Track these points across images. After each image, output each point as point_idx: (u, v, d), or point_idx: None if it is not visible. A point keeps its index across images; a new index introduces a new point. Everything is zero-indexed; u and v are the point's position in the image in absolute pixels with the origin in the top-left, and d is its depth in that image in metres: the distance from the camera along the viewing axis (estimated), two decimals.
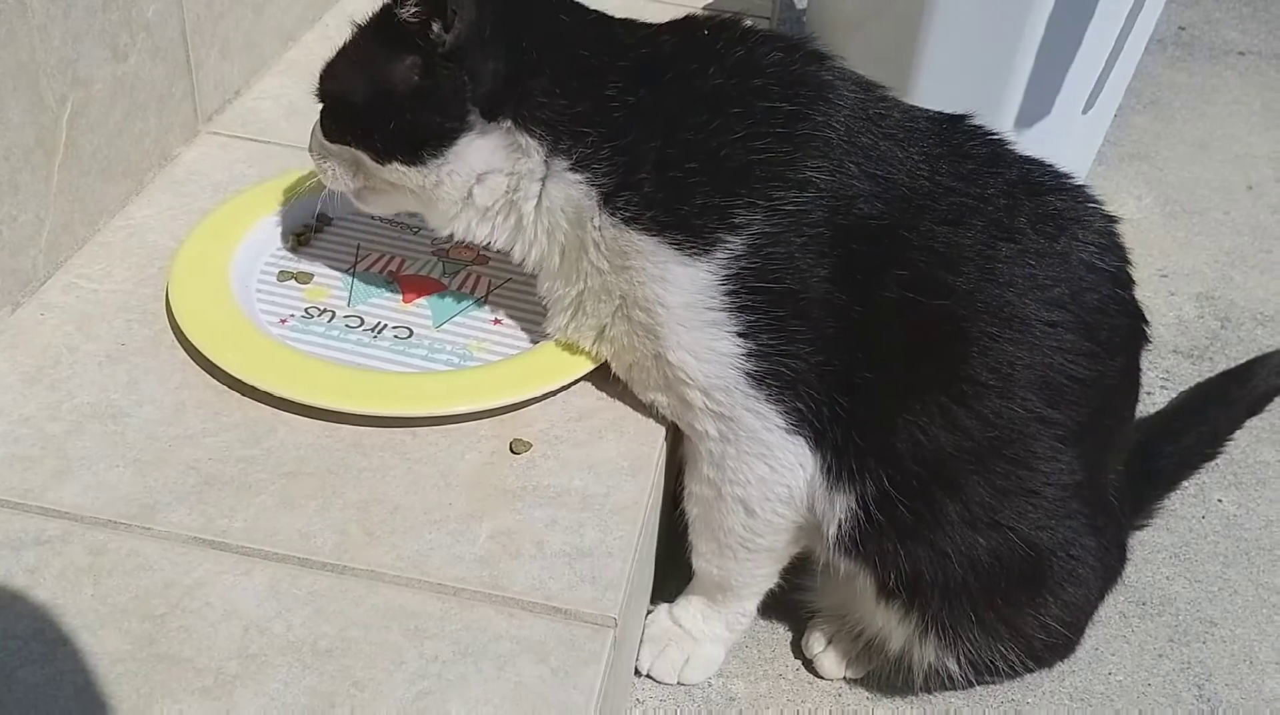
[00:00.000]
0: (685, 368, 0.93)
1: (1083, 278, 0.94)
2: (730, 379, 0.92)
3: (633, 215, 0.92)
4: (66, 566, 0.85)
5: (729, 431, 0.95)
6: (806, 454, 0.95)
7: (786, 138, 0.91)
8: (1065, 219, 0.95)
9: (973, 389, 0.92)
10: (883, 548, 0.97)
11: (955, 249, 0.92)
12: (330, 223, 1.22)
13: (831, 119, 0.92)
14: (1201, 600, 1.27)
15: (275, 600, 0.84)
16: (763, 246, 0.90)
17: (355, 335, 1.08)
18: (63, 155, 1.08)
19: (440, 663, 0.81)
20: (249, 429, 0.97)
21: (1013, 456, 0.94)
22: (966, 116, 1.00)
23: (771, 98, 0.92)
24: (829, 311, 0.91)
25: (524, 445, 0.98)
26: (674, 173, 0.91)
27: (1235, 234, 1.88)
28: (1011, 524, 0.96)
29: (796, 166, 0.90)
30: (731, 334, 0.91)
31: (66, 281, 1.10)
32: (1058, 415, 0.94)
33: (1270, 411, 1.41)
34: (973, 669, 1.04)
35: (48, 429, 0.95)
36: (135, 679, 0.78)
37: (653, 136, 0.92)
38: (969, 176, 0.95)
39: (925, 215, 0.92)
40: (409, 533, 0.90)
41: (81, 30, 1.08)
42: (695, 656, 1.11)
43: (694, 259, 0.90)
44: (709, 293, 0.91)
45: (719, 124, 0.91)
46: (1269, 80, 2.36)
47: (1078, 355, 0.93)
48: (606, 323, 0.98)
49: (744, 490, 0.97)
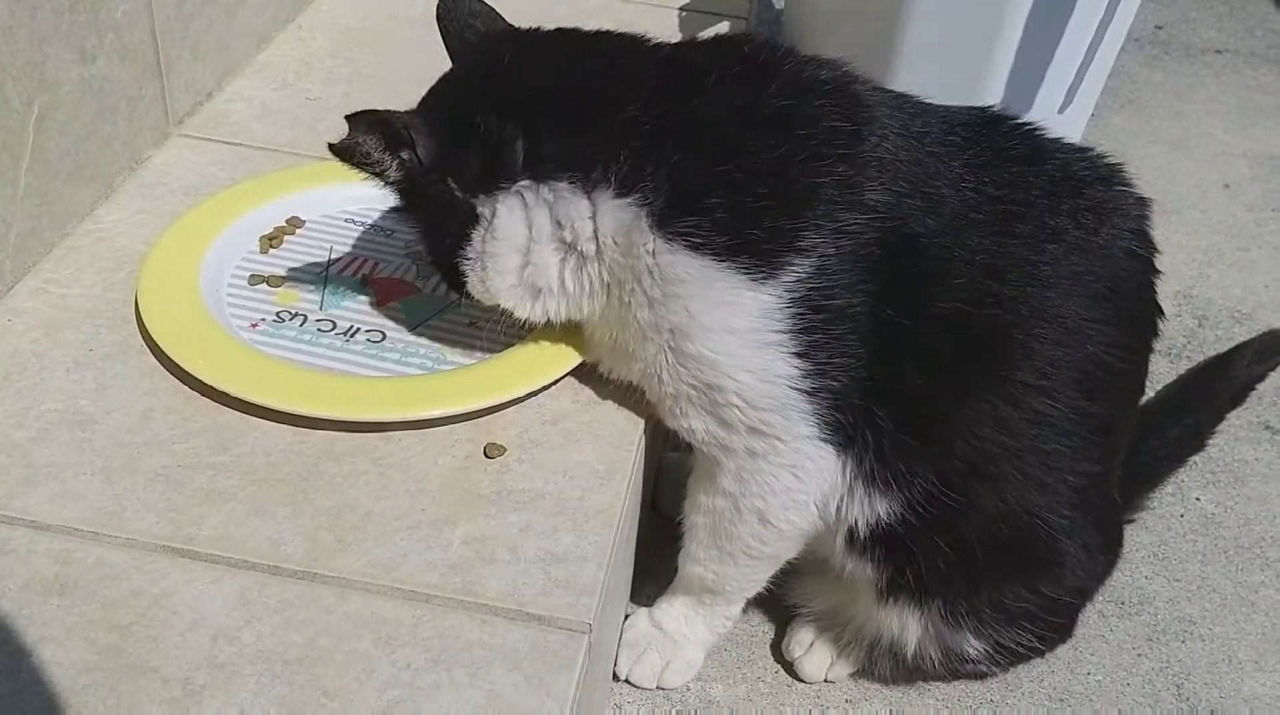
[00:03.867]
0: (742, 392, 0.91)
1: (1123, 267, 0.96)
2: (784, 399, 0.91)
3: (703, 241, 0.89)
4: (32, 576, 0.84)
5: (767, 448, 0.94)
6: (833, 462, 0.95)
7: (849, 159, 0.90)
8: (1105, 210, 0.96)
9: (1019, 390, 0.93)
10: (910, 543, 0.98)
11: (1002, 258, 0.92)
12: (302, 225, 1.20)
13: (885, 139, 0.92)
14: (1180, 599, 1.27)
15: (245, 609, 0.83)
16: (827, 268, 0.89)
17: (328, 339, 1.07)
18: (29, 159, 1.06)
19: (412, 671, 0.80)
20: (219, 435, 0.96)
21: (1050, 449, 0.96)
22: (1002, 115, 1.00)
23: (833, 118, 0.92)
24: (878, 326, 0.91)
25: (498, 449, 0.97)
26: (745, 197, 0.89)
27: (1212, 232, 1.88)
28: (1038, 511, 0.97)
29: (859, 188, 0.90)
30: (789, 355, 0.90)
31: (34, 286, 1.08)
32: (1094, 408, 0.96)
33: (1246, 410, 1.42)
34: (987, 655, 1.06)
35: (14, 436, 0.93)
36: (102, 690, 0.77)
37: (716, 158, 0.90)
38: (1012, 182, 0.95)
39: (972, 228, 0.93)
40: (381, 539, 0.89)
41: (48, 32, 1.06)
42: (675, 660, 1.10)
43: (761, 283, 0.89)
44: (773, 316, 0.89)
45: (788, 147, 0.90)
46: (1246, 79, 2.37)
47: (1116, 348, 0.95)
48: (651, 360, 0.94)
49: (764, 502, 0.96)
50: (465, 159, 0.93)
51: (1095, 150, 1.01)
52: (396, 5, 1.64)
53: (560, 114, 0.93)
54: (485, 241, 0.95)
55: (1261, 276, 1.79)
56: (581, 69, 0.96)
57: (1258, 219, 1.93)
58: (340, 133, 0.93)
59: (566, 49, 0.99)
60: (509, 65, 0.97)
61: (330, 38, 1.57)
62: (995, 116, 1.00)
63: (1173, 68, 2.38)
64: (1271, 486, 1.42)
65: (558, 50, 0.99)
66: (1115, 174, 0.99)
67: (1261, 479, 1.43)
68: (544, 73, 0.96)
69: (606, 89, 0.94)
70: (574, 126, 0.92)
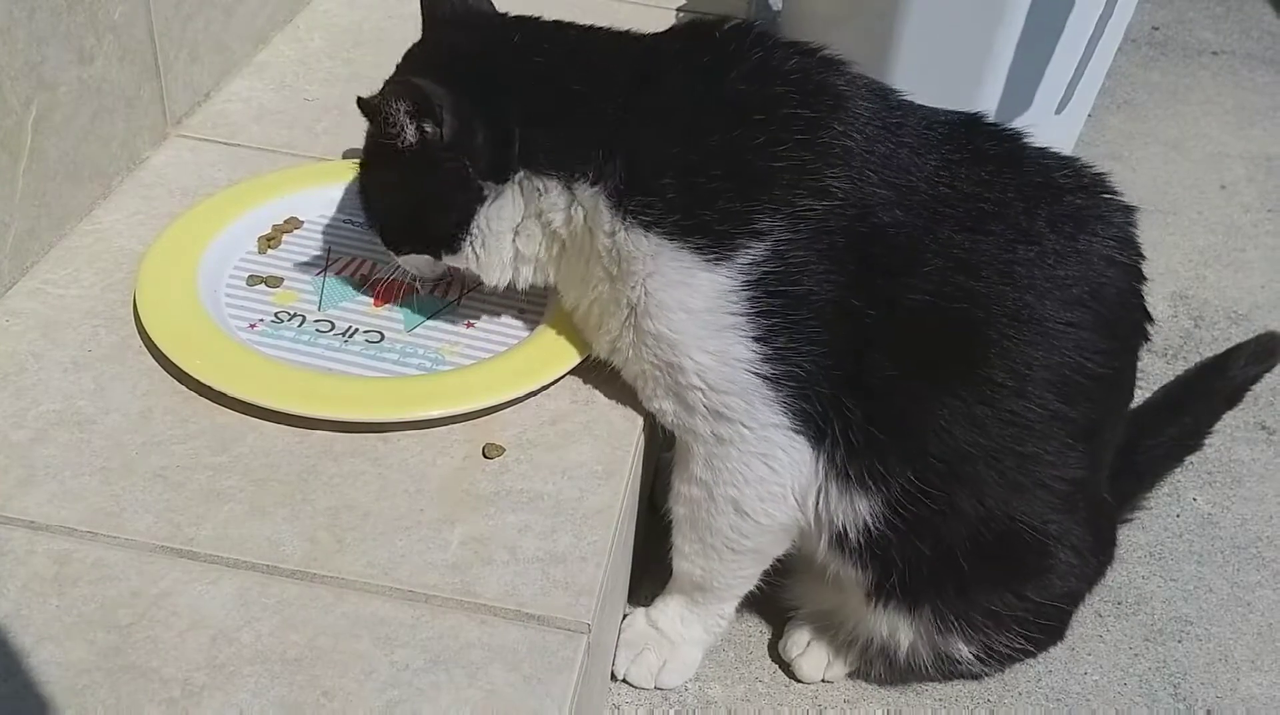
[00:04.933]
0: (702, 373, 0.93)
1: (1103, 274, 0.96)
2: (745, 383, 0.92)
3: (653, 219, 0.91)
4: (31, 577, 0.84)
5: (733, 434, 0.94)
6: (807, 454, 0.95)
7: (808, 145, 0.91)
8: (1085, 216, 0.96)
9: (992, 389, 0.93)
10: (893, 546, 0.98)
11: (974, 254, 0.93)
12: (300, 225, 1.20)
13: (851, 128, 0.93)
14: (1177, 599, 1.27)
15: (244, 609, 0.83)
16: (784, 252, 0.90)
17: (326, 340, 1.07)
18: (28, 159, 1.06)
19: (411, 671, 0.80)
20: (217, 436, 0.96)
21: (1027, 452, 0.96)
22: (982, 117, 1.00)
23: (793, 105, 0.93)
24: (845, 316, 0.91)
25: (497, 450, 0.97)
26: (698, 178, 0.91)
27: (1208, 233, 1.89)
28: (1021, 516, 0.97)
29: (818, 174, 0.91)
30: (748, 338, 0.91)
31: (32, 287, 1.08)
32: (1072, 412, 0.96)
33: (1243, 410, 1.43)
34: (978, 658, 1.06)
35: (12, 437, 0.93)
36: (101, 690, 0.77)
37: (671, 141, 0.92)
38: (987, 181, 0.95)
39: (945, 222, 0.93)
40: (380, 539, 0.89)
41: (46, 33, 1.06)
42: (672, 660, 1.11)
43: (716, 264, 0.90)
44: (729, 298, 0.91)
45: (742, 130, 0.91)
46: (1242, 80, 2.37)
47: (1095, 353, 0.95)
48: (616, 334, 0.98)
49: (738, 491, 0.97)
50: (482, 144, 0.95)
51: (1080, 160, 1.01)
52: (394, 5, 1.64)
53: (555, 113, 0.96)
54: (489, 220, 0.98)
55: (1258, 277, 1.80)
56: (576, 65, 0.98)
57: (1254, 220, 1.94)
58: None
59: (565, 43, 1.01)
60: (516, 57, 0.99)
61: (328, 38, 1.57)
62: (977, 119, 1.00)
63: (1169, 69, 2.38)
64: (1268, 486, 1.42)
65: (557, 44, 1.01)
66: (1098, 183, 0.99)
67: (1258, 479, 1.43)
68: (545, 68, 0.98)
69: (594, 87, 0.96)
70: (564, 126, 0.95)
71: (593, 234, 0.95)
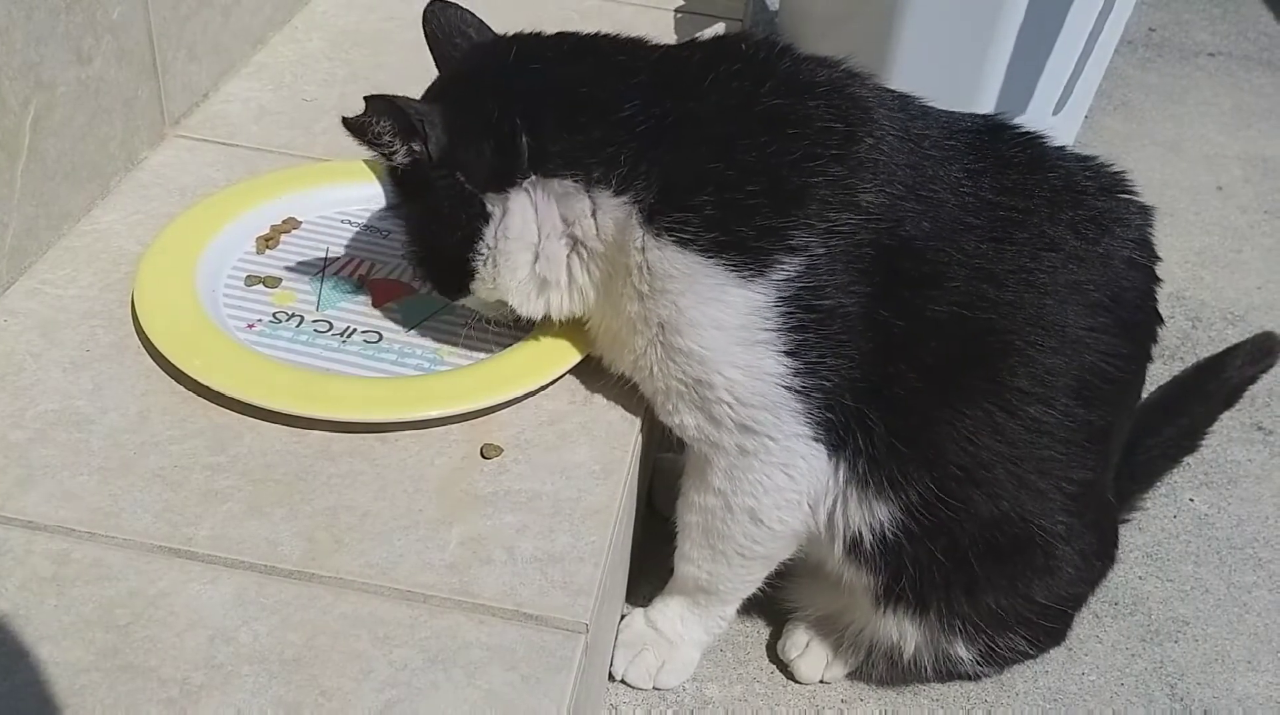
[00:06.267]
0: (731, 388, 0.92)
1: (1124, 277, 0.96)
2: (774, 397, 0.92)
3: (690, 237, 0.90)
4: (29, 576, 0.84)
5: (757, 446, 0.94)
6: (824, 461, 0.95)
7: (842, 159, 0.91)
8: (1106, 220, 0.96)
9: (1015, 397, 0.94)
10: (906, 550, 0.98)
11: (999, 264, 0.93)
12: (299, 226, 1.21)
13: (881, 141, 0.93)
14: (1173, 599, 1.28)
15: (242, 609, 0.83)
16: (818, 267, 0.90)
17: (324, 340, 1.07)
18: (26, 159, 1.06)
19: (409, 671, 0.81)
20: (215, 435, 0.96)
21: (1045, 456, 0.96)
22: (1005, 123, 1.00)
23: (827, 119, 0.92)
24: (871, 327, 0.91)
25: (495, 450, 0.97)
26: (736, 194, 0.90)
27: (1205, 234, 1.89)
28: (1034, 517, 0.98)
29: (852, 189, 0.90)
30: (779, 353, 0.91)
31: (30, 287, 1.08)
32: (1090, 415, 0.96)
33: (1239, 411, 1.43)
34: (980, 660, 1.06)
35: (10, 437, 0.93)
36: (99, 690, 0.77)
37: (707, 156, 0.91)
38: (1011, 188, 0.95)
39: (970, 233, 0.93)
40: (378, 539, 0.89)
41: (45, 33, 1.06)
42: (671, 661, 1.11)
43: (750, 280, 0.89)
44: (762, 313, 0.90)
45: (778, 145, 0.90)
46: (1239, 81, 2.37)
47: (1114, 357, 0.95)
48: (641, 352, 0.96)
49: (756, 500, 0.97)
50: (476, 155, 0.94)
51: (1099, 159, 1.01)
52: (393, 6, 1.64)
53: (564, 113, 0.94)
54: (499, 238, 0.96)
55: (1254, 278, 1.80)
56: (583, 69, 0.97)
57: (1251, 221, 1.94)
58: (338, 133, 0.93)
59: (568, 50, 0.99)
60: (514, 66, 0.98)
61: (327, 39, 1.57)
62: (999, 124, 1.00)
63: (1166, 70, 2.39)
64: (1264, 487, 1.43)
65: (560, 51, 0.99)
66: (1118, 183, 0.99)
67: (1254, 480, 1.44)
68: (548, 73, 0.97)
69: (606, 89, 0.94)
70: (576, 126, 0.93)
71: (623, 250, 0.93)
